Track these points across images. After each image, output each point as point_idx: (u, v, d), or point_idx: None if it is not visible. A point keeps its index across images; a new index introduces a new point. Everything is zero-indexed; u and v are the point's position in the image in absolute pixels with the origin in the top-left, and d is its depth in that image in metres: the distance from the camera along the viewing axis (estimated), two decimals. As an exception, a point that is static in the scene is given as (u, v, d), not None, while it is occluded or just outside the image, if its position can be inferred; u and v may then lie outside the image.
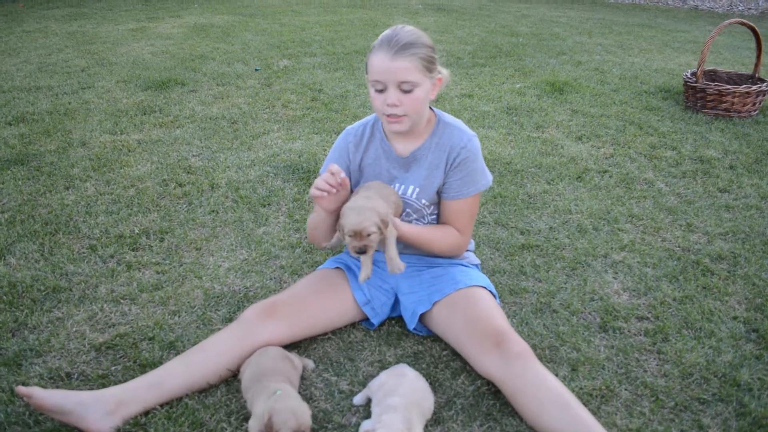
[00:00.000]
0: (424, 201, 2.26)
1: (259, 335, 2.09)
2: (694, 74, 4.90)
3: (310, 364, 2.16)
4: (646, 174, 3.79)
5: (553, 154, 4.05)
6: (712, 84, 4.70)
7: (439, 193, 2.27)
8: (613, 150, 4.14)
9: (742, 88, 4.61)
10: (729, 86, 4.63)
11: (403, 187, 2.26)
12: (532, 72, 6.09)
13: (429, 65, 2.05)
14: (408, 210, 2.29)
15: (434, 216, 2.34)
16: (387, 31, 2.06)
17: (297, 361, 2.09)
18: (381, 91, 2.05)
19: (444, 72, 2.14)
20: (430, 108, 2.24)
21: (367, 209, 1.97)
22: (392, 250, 2.07)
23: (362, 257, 2.08)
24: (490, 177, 2.28)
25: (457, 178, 2.21)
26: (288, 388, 1.87)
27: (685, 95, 5.02)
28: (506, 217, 3.23)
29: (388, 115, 2.07)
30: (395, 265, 2.06)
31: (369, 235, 1.97)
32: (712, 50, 7.25)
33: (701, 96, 4.79)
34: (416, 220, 2.31)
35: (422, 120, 2.17)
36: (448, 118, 2.26)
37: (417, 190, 2.24)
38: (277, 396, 1.78)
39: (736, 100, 4.66)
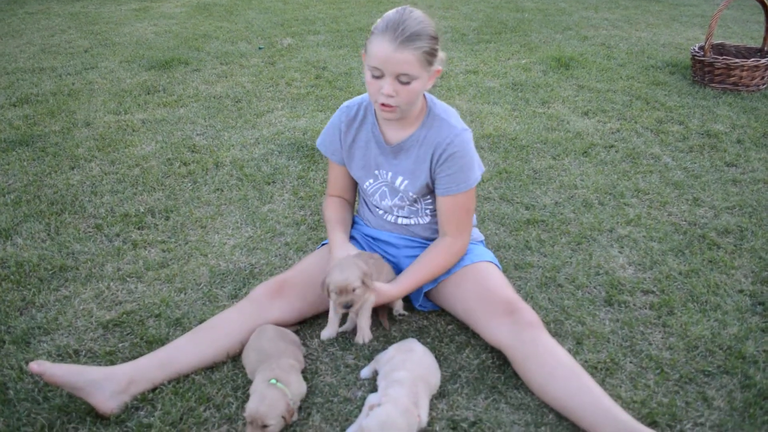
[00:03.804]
0: (411, 194, 2.19)
1: (268, 313, 2.11)
2: (701, 48, 4.83)
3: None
4: (653, 149, 3.76)
5: (559, 130, 4.02)
6: (720, 58, 4.64)
7: (429, 187, 2.20)
8: (619, 125, 4.11)
9: (751, 62, 4.55)
10: (737, 60, 4.57)
11: (391, 174, 2.20)
12: (537, 47, 6.03)
13: (430, 59, 1.96)
14: (403, 204, 2.25)
15: (429, 208, 2.27)
16: (393, 14, 1.95)
17: (294, 336, 2.11)
18: (377, 78, 1.97)
19: (441, 55, 2.03)
20: (424, 95, 2.16)
21: (350, 265, 2.00)
22: (365, 319, 2.10)
23: (331, 315, 2.16)
24: (479, 173, 2.16)
25: (445, 174, 2.12)
26: (285, 377, 1.87)
27: (692, 69, 4.96)
28: (511, 192, 3.22)
29: (381, 103, 2.00)
30: (365, 334, 2.10)
31: (354, 290, 1.98)
32: (721, 24, 7.15)
33: (709, 70, 4.73)
34: (412, 214, 2.28)
35: (414, 109, 2.10)
36: (440, 109, 2.15)
37: (406, 182, 2.18)
38: (265, 383, 1.81)
39: (744, 74, 4.60)
